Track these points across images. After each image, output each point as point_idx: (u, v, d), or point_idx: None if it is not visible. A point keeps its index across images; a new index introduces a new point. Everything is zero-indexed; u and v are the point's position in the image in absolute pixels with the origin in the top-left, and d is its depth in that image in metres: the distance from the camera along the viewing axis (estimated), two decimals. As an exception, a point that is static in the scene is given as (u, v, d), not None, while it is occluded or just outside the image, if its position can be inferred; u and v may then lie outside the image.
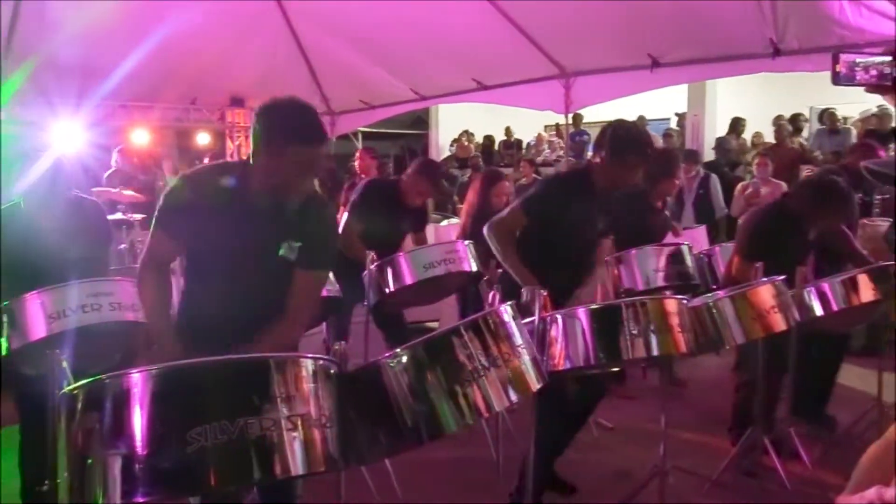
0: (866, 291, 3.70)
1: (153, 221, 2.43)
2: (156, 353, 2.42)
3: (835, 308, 3.68)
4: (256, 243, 2.37)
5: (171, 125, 9.43)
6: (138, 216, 7.25)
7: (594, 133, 4.36)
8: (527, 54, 6.39)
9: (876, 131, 8.08)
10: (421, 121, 15.57)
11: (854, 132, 9.19)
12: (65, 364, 2.00)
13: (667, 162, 4.95)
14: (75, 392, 1.73)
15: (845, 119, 9.87)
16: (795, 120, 9.63)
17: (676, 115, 11.94)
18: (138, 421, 1.64)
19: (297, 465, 1.73)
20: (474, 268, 4.23)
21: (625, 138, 3.30)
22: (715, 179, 7.93)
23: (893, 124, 8.14)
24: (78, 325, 2.85)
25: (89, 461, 1.66)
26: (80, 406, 1.71)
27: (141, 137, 9.35)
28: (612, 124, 3.40)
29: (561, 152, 11.69)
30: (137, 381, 1.68)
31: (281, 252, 2.39)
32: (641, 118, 9.86)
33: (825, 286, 3.69)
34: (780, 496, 3.59)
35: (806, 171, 7.82)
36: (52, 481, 1.77)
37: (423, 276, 4.08)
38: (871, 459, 1.32)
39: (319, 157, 2.36)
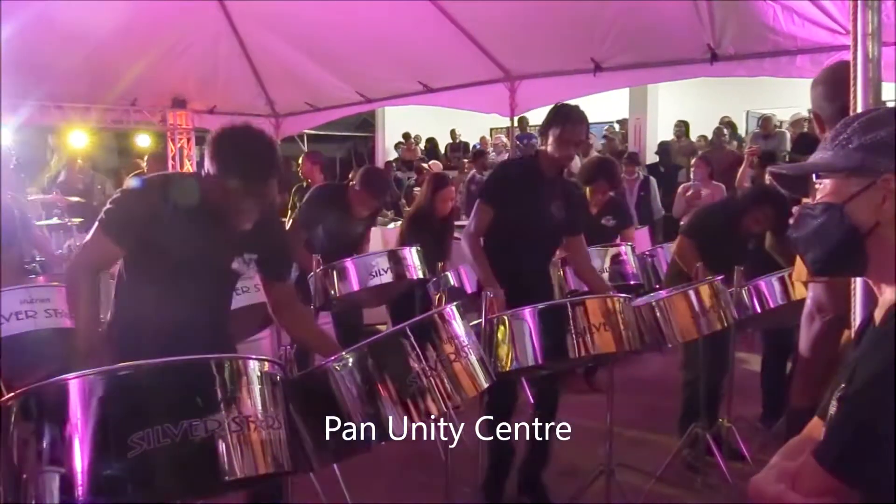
0: (800, 287, 3.83)
1: (96, 225, 2.34)
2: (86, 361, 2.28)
3: (771, 305, 3.80)
4: (207, 257, 2.32)
5: (109, 127, 9.17)
6: (76, 220, 7.04)
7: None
8: (472, 57, 6.41)
9: (808, 135, 8.37)
10: (367, 123, 15.52)
11: (788, 136, 9.50)
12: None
13: (594, 169, 5.08)
14: (9, 403, 1.67)
15: (782, 123, 10.19)
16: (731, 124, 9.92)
17: (617, 122, 12.14)
18: (77, 428, 1.59)
19: (243, 468, 1.70)
20: (421, 275, 4.23)
21: (555, 113, 3.45)
22: (653, 182, 8.09)
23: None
24: (11, 334, 2.77)
25: (24, 475, 1.60)
26: (13, 417, 1.65)
27: (78, 140, 9.08)
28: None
29: (506, 154, 11.78)
30: (74, 387, 1.63)
31: (234, 266, 2.38)
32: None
33: (761, 284, 3.81)
34: (722, 490, 3.68)
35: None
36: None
37: (369, 283, 4.07)
38: (788, 447, 1.37)
39: (270, 190, 2.31)
